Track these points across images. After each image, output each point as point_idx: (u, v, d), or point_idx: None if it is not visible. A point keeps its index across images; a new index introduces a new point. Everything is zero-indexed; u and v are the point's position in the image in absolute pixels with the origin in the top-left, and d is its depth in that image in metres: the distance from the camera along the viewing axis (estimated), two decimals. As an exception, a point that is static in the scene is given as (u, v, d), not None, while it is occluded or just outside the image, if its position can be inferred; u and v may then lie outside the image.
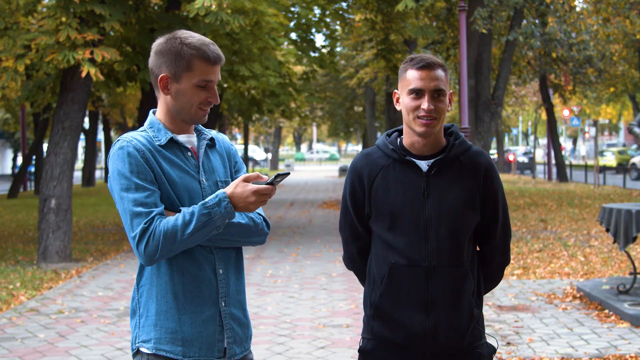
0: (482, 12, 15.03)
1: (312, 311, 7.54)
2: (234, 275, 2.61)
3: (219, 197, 2.45)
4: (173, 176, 2.51)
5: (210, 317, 2.53)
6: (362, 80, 28.88)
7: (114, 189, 2.50)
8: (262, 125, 48.53)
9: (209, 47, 2.51)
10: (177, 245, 2.42)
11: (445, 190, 2.67)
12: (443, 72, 2.67)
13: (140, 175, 2.45)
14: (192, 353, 2.51)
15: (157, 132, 2.55)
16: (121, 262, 10.94)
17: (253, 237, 2.61)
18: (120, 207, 2.47)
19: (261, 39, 15.25)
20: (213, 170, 2.62)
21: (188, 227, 2.41)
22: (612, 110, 48.12)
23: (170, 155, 2.53)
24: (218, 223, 2.45)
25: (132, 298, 2.60)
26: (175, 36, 2.53)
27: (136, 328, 2.57)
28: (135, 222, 2.42)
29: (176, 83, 2.51)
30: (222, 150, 2.69)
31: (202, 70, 2.50)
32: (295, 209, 20.14)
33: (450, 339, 2.67)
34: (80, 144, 35.28)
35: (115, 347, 6.29)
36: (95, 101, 27.41)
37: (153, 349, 2.52)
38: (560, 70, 23.59)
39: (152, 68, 2.56)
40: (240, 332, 2.61)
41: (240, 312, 2.63)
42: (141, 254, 2.42)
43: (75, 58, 9.93)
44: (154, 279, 2.53)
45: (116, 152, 2.49)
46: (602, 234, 12.65)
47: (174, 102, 2.54)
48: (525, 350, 5.96)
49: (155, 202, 2.45)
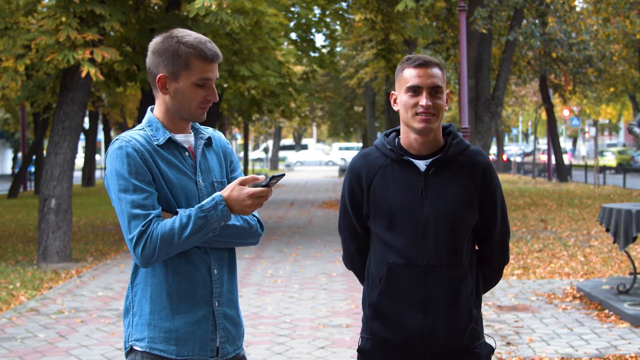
0: (482, 12, 15.03)
1: (312, 311, 7.54)
2: (227, 275, 2.63)
3: (215, 201, 2.46)
4: (170, 177, 2.51)
5: (203, 316, 2.55)
6: (362, 80, 28.86)
7: (111, 188, 2.50)
8: (262, 125, 48.50)
9: (206, 45, 2.51)
10: (174, 248, 2.43)
11: (443, 190, 2.67)
12: (440, 70, 2.68)
13: (139, 176, 2.45)
14: (186, 352, 2.52)
15: (156, 132, 2.55)
16: (121, 262, 10.94)
17: (247, 239, 2.64)
18: (118, 207, 2.47)
19: (261, 39, 15.26)
20: (210, 171, 2.62)
21: (185, 230, 2.42)
22: (612, 110, 48.12)
23: (168, 155, 2.53)
24: (214, 226, 2.46)
25: (126, 296, 2.60)
26: (172, 35, 2.53)
27: (129, 327, 2.57)
28: (132, 225, 2.42)
29: (174, 82, 2.52)
30: (218, 149, 2.70)
31: (200, 68, 2.50)
32: (295, 209, 20.14)
33: (449, 338, 2.66)
34: (80, 144, 35.20)
35: (115, 347, 6.29)
36: (95, 101, 27.42)
37: (147, 347, 2.52)
38: (560, 70, 23.58)
39: (149, 67, 2.56)
40: (233, 331, 2.63)
41: (233, 311, 2.65)
42: (138, 256, 2.43)
43: (75, 58, 9.93)
44: (148, 278, 2.54)
45: (115, 151, 2.49)
46: (602, 234, 12.65)
47: (172, 101, 2.54)
48: (525, 350, 5.96)
49: (153, 204, 2.45)
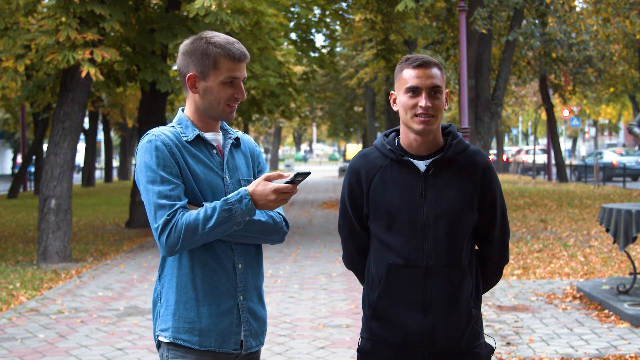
0: (482, 12, 15.03)
1: (312, 311, 7.54)
2: (254, 271, 2.71)
3: (240, 194, 2.54)
4: (197, 172, 2.60)
5: (227, 309, 2.62)
6: (362, 80, 28.88)
7: (140, 180, 2.59)
8: (262, 125, 48.50)
9: (234, 45, 2.62)
10: (198, 238, 2.51)
11: (443, 190, 2.67)
12: (439, 70, 2.67)
13: (166, 168, 2.55)
14: (208, 344, 2.60)
15: (185, 129, 2.66)
16: (121, 263, 10.94)
17: (272, 235, 2.71)
18: (145, 198, 2.56)
19: (261, 39, 15.26)
20: (237, 169, 2.71)
21: (209, 221, 2.50)
22: (612, 110, 48.14)
23: (196, 151, 2.63)
24: (239, 219, 2.53)
25: (154, 289, 2.70)
26: (202, 36, 2.64)
27: (157, 317, 2.66)
28: (158, 214, 2.52)
29: (203, 81, 2.62)
30: (246, 150, 2.79)
31: (227, 67, 2.61)
32: (295, 209, 20.15)
33: (449, 339, 2.66)
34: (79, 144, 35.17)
35: (115, 347, 6.29)
36: (95, 101, 27.44)
37: (171, 337, 2.60)
38: (560, 70, 23.58)
39: (179, 68, 2.67)
40: (256, 326, 2.70)
41: (258, 306, 2.72)
42: (163, 244, 2.51)
43: (75, 58, 9.93)
44: (174, 271, 2.62)
45: (144, 145, 2.59)
46: (602, 234, 12.65)
47: (202, 99, 2.65)
48: (525, 351, 5.96)
49: (179, 195, 2.54)
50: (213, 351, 2.60)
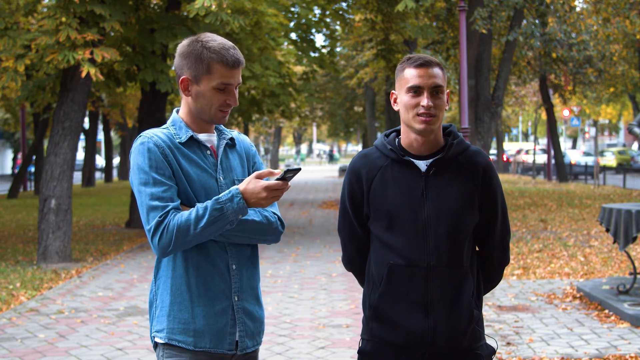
0: (482, 12, 15.02)
1: (312, 311, 7.54)
2: (249, 271, 2.70)
3: (231, 193, 2.54)
4: (191, 173, 2.61)
5: (222, 310, 2.62)
6: (362, 80, 28.85)
7: (133, 182, 2.60)
8: (262, 125, 48.48)
9: (229, 51, 2.60)
10: (190, 238, 2.51)
11: (444, 190, 2.67)
12: (440, 70, 2.67)
13: (159, 170, 2.56)
14: (203, 344, 2.60)
15: (179, 130, 2.66)
16: (121, 262, 10.94)
17: (267, 235, 2.70)
18: (138, 200, 2.58)
19: (261, 39, 15.24)
20: (231, 169, 2.71)
21: (201, 221, 2.50)
22: (612, 110, 48.07)
23: (190, 152, 2.63)
24: (230, 218, 2.53)
25: (150, 290, 2.71)
26: (198, 39, 2.63)
27: (152, 319, 2.68)
28: (151, 216, 2.53)
29: (196, 85, 2.62)
30: (241, 150, 2.79)
31: (221, 73, 2.60)
32: (295, 209, 20.14)
33: (450, 339, 2.66)
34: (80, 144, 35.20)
35: (115, 347, 6.29)
36: (95, 101, 27.41)
37: (166, 338, 2.61)
38: (560, 70, 23.56)
39: (175, 69, 2.68)
40: (252, 326, 2.70)
41: (254, 307, 2.72)
42: (155, 246, 2.52)
43: (75, 58, 9.93)
44: (169, 272, 2.63)
45: (137, 147, 2.60)
46: (602, 234, 12.64)
47: (194, 103, 2.65)
48: (525, 351, 5.96)
49: (172, 196, 2.55)
50: (208, 352, 2.61)
